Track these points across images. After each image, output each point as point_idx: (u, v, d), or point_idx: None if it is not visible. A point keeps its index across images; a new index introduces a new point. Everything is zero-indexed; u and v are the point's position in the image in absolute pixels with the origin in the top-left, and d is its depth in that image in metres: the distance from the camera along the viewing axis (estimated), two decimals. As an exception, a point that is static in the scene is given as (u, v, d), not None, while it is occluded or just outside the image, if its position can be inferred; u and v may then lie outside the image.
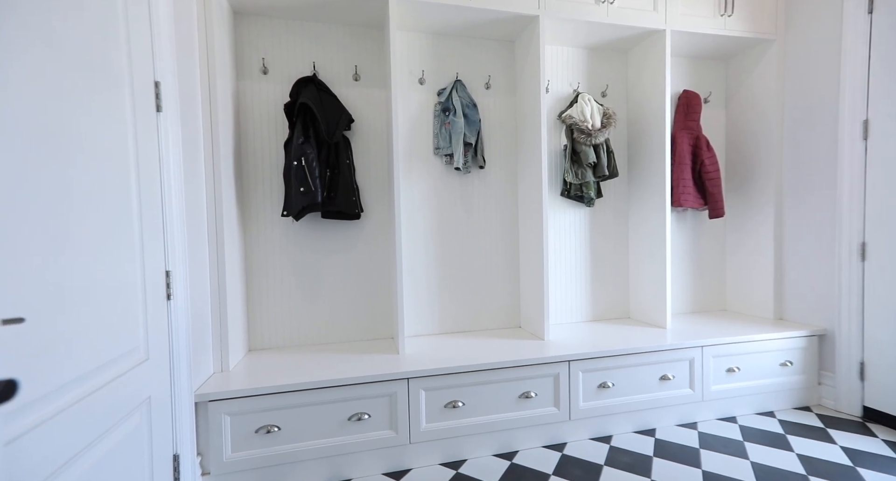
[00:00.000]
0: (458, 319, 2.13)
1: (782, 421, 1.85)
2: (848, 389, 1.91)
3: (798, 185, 2.11)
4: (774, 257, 2.19)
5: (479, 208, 2.14)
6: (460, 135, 1.95)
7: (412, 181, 2.05)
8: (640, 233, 2.22)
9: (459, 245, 2.12)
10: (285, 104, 1.78)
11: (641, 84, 2.17)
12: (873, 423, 1.82)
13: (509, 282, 2.19)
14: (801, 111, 2.08)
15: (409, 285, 2.05)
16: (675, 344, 1.81)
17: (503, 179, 2.17)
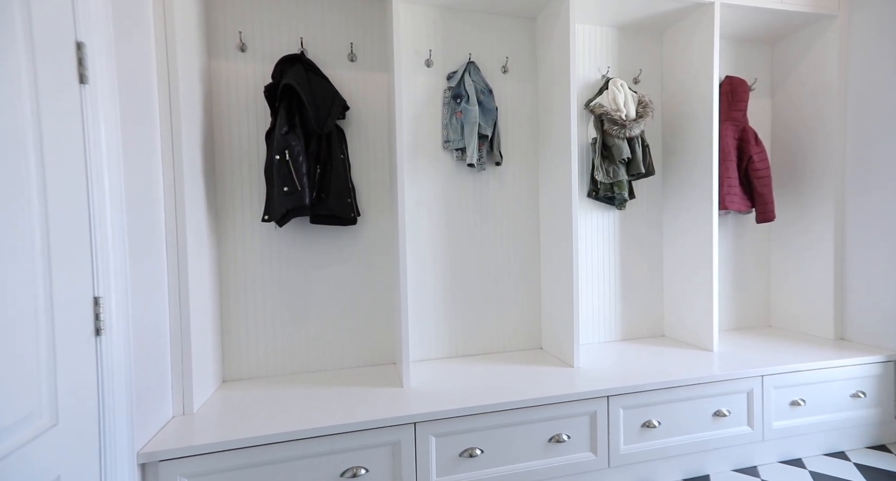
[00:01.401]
0: (471, 340, 1.83)
1: (859, 466, 1.56)
2: (933, 426, 1.62)
3: (866, 184, 1.82)
4: (835, 267, 1.90)
5: (496, 211, 1.85)
6: (474, 126, 1.66)
7: (418, 180, 1.76)
8: (680, 241, 1.92)
9: (472, 254, 1.83)
10: (266, 86, 1.49)
11: (682, 68, 1.88)
12: (967, 468, 1.53)
13: (530, 297, 1.90)
14: (871, 99, 1.79)
15: (415, 302, 1.75)
16: (731, 373, 1.52)
17: (523, 178, 1.88)
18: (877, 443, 1.71)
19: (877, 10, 1.76)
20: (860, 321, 1.85)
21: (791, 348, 1.79)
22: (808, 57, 1.98)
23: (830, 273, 1.91)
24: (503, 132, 1.84)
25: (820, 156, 1.95)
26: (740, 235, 2.14)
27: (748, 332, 2.07)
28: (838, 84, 1.88)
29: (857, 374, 1.67)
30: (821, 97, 1.94)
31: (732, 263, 2.13)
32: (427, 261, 1.77)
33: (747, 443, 1.56)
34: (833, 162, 1.90)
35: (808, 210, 1.99)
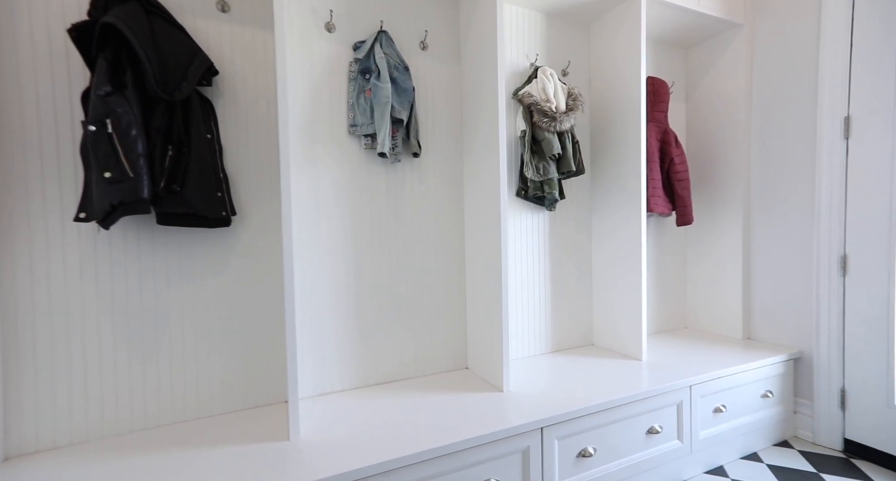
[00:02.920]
0: (385, 366, 1.53)
1: (772, 467, 1.58)
2: (828, 420, 1.71)
3: (769, 190, 1.89)
4: (743, 270, 1.96)
5: (414, 210, 1.57)
6: (386, 108, 1.36)
7: (316, 172, 1.41)
8: (608, 245, 1.83)
9: (385, 261, 1.53)
10: (74, 26, 1.03)
11: (609, 63, 1.79)
12: (856, 458, 1.63)
13: (454, 311, 1.65)
14: (773, 107, 1.87)
15: (310, 324, 1.40)
16: (663, 386, 1.43)
17: (446, 173, 1.63)
18: (780, 440, 1.77)
19: (778, 21, 1.83)
20: (764, 322, 1.93)
21: (710, 352, 1.79)
22: (719, 64, 2.03)
23: (739, 276, 1.97)
24: (423, 118, 1.57)
25: (730, 161, 2.00)
26: (661, 238, 2.14)
27: (669, 336, 2.07)
28: (744, 92, 1.93)
29: (766, 375, 1.71)
30: (729, 103, 1.99)
31: (655, 266, 2.12)
32: (326, 271, 1.43)
33: (677, 458, 1.48)
34: (740, 168, 1.95)
35: (721, 213, 2.04)
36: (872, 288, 1.58)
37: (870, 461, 1.60)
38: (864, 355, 1.61)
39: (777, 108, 1.85)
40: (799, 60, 1.77)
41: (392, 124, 1.42)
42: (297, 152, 1.38)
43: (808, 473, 1.54)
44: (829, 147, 1.67)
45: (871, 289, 1.58)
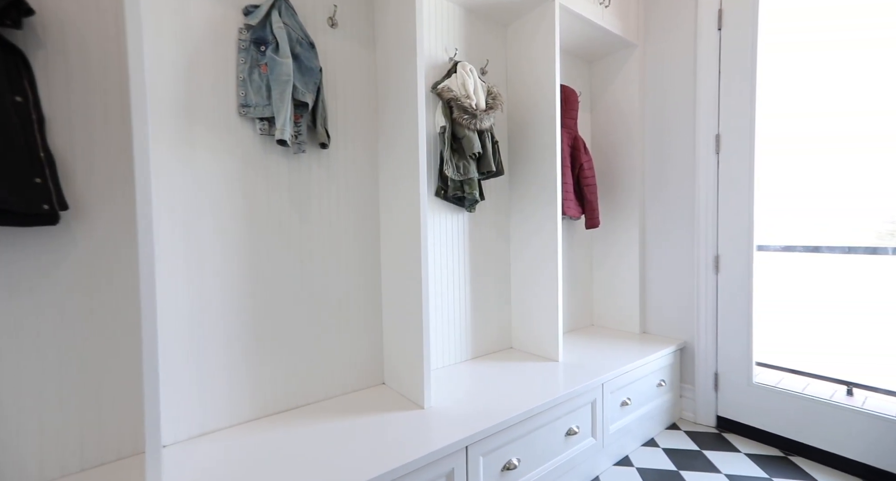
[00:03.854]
0: (289, 389, 1.30)
1: (666, 451, 1.72)
2: (705, 401, 1.93)
3: (659, 197, 2.10)
4: (639, 270, 2.15)
5: (321, 208, 1.37)
6: (286, 87, 1.15)
7: (193, 158, 1.13)
8: (526, 247, 1.84)
9: (287, 267, 1.30)
10: None
11: (526, 66, 1.80)
12: (726, 432, 1.87)
13: (369, 321, 1.49)
14: (661, 123, 2.08)
15: (191, 347, 1.12)
16: (580, 386, 1.45)
17: (358, 167, 1.45)
18: (670, 424, 1.95)
19: (663, 46, 2.04)
20: (657, 317, 2.13)
21: (615, 348, 1.90)
22: (617, 79, 2.20)
23: (636, 275, 2.15)
24: (332, 105, 1.38)
25: (628, 170, 2.18)
26: (571, 240, 2.23)
27: (579, 334, 2.17)
28: (638, 107, 2.12)
29: (660, 366, 1.87)
30: (626, 117, 2.17)
31: (567, 268, 2.20)
32: (211, 280, 1.16)
33: (592, 455, 1.52)
34: (636, 176, 2.14)
35: (620, 217, 2.21)
36: (737, 283, 1.83)
37: (736, 433, 1.85)
38: (732, 342, 1.85)
39: (664, 123, 2.06)
40: (681, 83, 1.99)
41: (294, 108, 1.21)
42: (168, 132, 1.09)
43: (693, 451, 1.71)
44: (704, 161, 1.90)
45: (736, 284, 1.83)
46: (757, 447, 1.74)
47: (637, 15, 2.09)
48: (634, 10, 2.07)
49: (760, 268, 1.80)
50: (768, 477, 1.53)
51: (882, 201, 1.63)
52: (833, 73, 1.67)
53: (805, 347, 2.00)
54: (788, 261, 1.88)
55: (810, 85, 1.73)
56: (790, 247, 1.81)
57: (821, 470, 1.57)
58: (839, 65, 1.65)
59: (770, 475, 1.54)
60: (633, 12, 2.06)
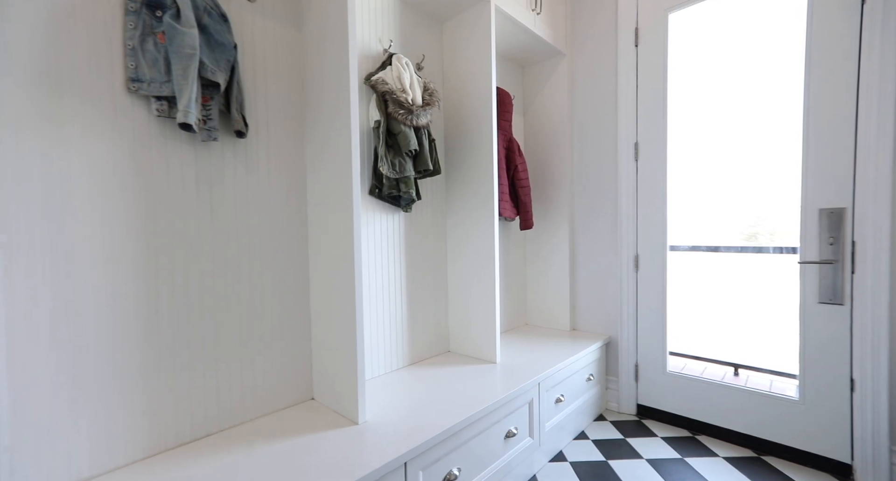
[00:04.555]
0: (196, 416, 1.11)
1: (596, 442, 1.80)
2: (627, 391, 2.07)
3: (587, 200, 2.21)
4: (570, 269, 2.24)
5: (238, 205, 1.20)
6: (191, 62, 0.98)
7: (64, 135, 0.91)
8: (463, 248, 1.81)
9: (196, 272, 1.11)
10: None
11: (462, 65, 1.78)
12: (645, 419, 2.01)
13: (294, 330, 1.34)
14: (587, 129, 2.19)
15: (64, 379, 0.89)
16: (517, 388, 1.45)
17: (282, 160, 1.30)
18: (598, 415, 2.06)
19: (589, 57, 2.16)
20: (585, 314, 2.24)
21: (548, 346, 1.95)
22: (548, 86, 2.28)
23: (567, 274, 2.24)
24: (251, 89, 1.22)
25: (558, 173, 2.26)
26: (506, 240, 2.26)
27: (515, 334, 2.19)
28: (567, 113, 2.22)
29: (589, 361, 1.96)
30: (556, 122, 2.25)
31: (503, 268, 2.22)
32: (90, 293, 0.94)
33: (530, 454, 1.53)
34: (566, 179, 2.23)
35: (552, 218, 2.29)
36: (654, 281, 1.98)
37: (654, 419, 2.00)
38: (650, 334, 2.00)
39: (590, 130, 2.18)
40: (604, 92, 2.12)
41: (203, 88, 1.04)
42: (21, 103, 0.86)
43: (619, 440, 1.81)
44: (625, 167, 2.04)
45: (653, 281, 1.98)
46: (671, 430, 1.90)
47: (565, 25, 2.18)
48: (563, 21, 2.16)
49: (673, 267, 1.97)
50: (681, 457, 1.67)
51: (747, 207, 1.89)
52: (719, 94, 1.89)
53: (703, 335, 2.24)
54: (694, 259, 2.10)
55: (707, 102, 1.94)
56: (696, 247, 2.01)
57: (720, 445, 1.76)
58: (726, 87, 1.87)
59: (682, 455, 1.68)
60: (562, 23, 2.15)
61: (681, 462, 1.64)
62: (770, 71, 1.73)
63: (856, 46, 1.47)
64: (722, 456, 1.68)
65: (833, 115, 1.52)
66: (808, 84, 1.56)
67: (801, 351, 1.61)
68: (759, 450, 1.70)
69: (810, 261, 1.57)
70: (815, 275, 1.57)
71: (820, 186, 1.55)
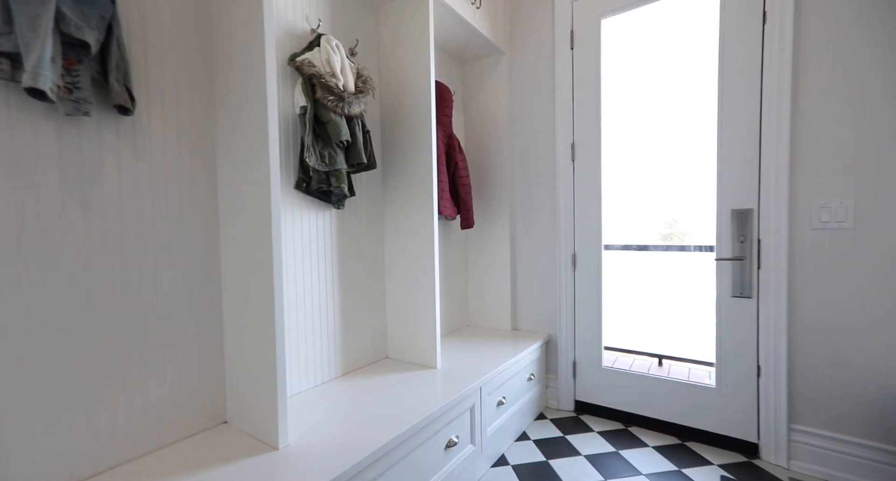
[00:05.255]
0: (82, 449, 0.88)
1: (537, 442, 1.79)
2: (566, 388, 2.10)
3: (526, 199, 2.21)
4: (510, 269, 2.23)
5: (123, 197, 0.99)
6: (42, 10, 0.78)
7: None
8: (402, 248, 1.71)
9: (59, 287, 0.89)
10: None
11: (400, 54, 1.67)
12: (583, 414, 2.06)
13: (201, 345, 1.14)
14: (526, 129, 2.20)
15: None
16: (459, 394, 1.37)
17: (184, 144, 1.11)
18: (538, 414, 2.07)
19: (528, 58, 2.17)
20: (526, 313, 2.24)
21: (490, 348, 1.92)
22: (488, 84, 2.25)
23: (508, 274, 2.23)
24: (140, 56, 1.02)
25: (499, 171, 2.24)
26: (446, 240, 2.19)
27: (456, 336, 2.13)
28: (507, 112, 2.21)
29: (530, 360, 1.96)
30: (497, 120, 2.23)
31: (444, 269, 2.15)
32: None
33: (472, 462, 1.47)
34: (506, 178, 2.22)
35: (493, 218, 2.26)
36: (590, 279, 2.03)
37: (591, 414, 2.05)
38: (587, 332, 2.05)
39: (529, 130, 2.19)
40: (542, 93, 2.14)
41: (65, 47, 0.83)
42: None
43: (559, 438, 1.82)
44: (562, 167, 2.07)
45: (589, 280, 2.04)
46: (606, 424, 1.95)
47: (504, 23, 2.17)
48: (502, 19, 2.15)
49: (607, 265, 2.04)
50: (615, 450, 1.72)
51: (668, 208, 2.03)
52: (647, 100, 1.99)
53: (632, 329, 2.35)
54: (626, 258, 2.19)
55: (636, 107, 2.03)
56: (628, 246, 2.10)
57: (650, 435, 1.84)
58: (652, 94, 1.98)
59: (617, 448, 1.73)
60: (501, 20, 2.14)
61: (615, 455, 1.68)
62: (690, 81, 1.85)
63: (759, 64, 1.61)
64: (651, 445, 1.75)
65: (741, 124, 1.65)
66: (721, 96, 1.68)
67: (717, 341, 1.73)
68: (682, 437, 1.81)
69: (725, 257, 1.70)
70: (729, 271, 1.70)
71: (732, 189, 1.68)
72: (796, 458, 1.56)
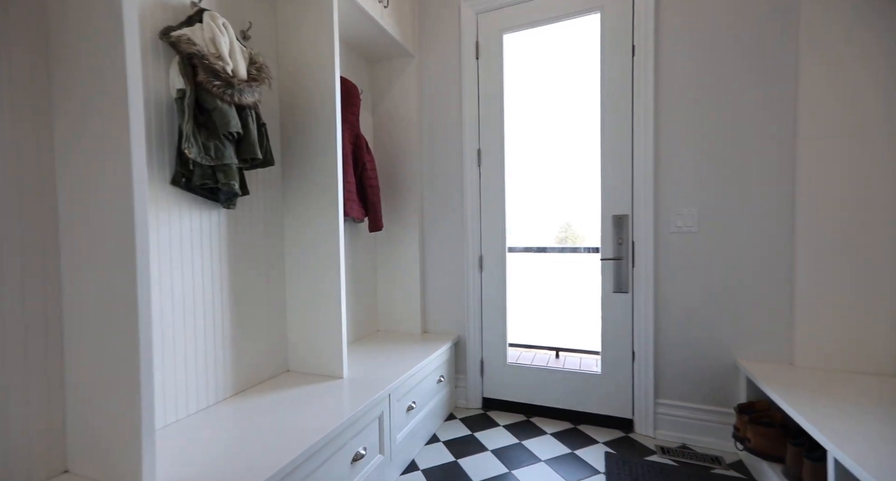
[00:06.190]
0: None
1: (447, 443, 1.81)
2: (474, 387, 2.17)
3: (435, 202, 2.24)
4: (420, 271, 2.23)
5: None
6: None
7: None
8: (304, 252, 1.59)
9: None
10: None
11: (304, 42, 1.56)
12: (490, 410, 2.14)
13: (39, 373, 0.91)
14: (435, 133, 2.22)
15: None
16: (366, 403, 1.32)
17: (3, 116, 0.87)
18: (448, 415, 2.09)
19: (436, 64, 2.21)
20: (436, 315, 2.26)
21: (400, 352, 1.88)
22: (397, 85, 2.23)
23: (418, 276, 2.22)
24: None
25: (408, 174, 2.23)
26: (354, 243, 2.10)
27: (365, 343, 2.05)
28: (416, 115, 2.22)
29: (439, 362, 1.98)
30: (407, 123, 2.22)
31: (351, 273, 2.06)
32: None
33: (381, 472, 1.42)
34: (416, 181, 2.22)
35: (403, 220, 2.24)
36: (496, 279, 2.13)
37: (497, 409, 2.14)
38: (493, 331, 2.15)
39: (438, 134, 2.22)
40: (451, 98, 2.19)
41: None
42: None
43: (467, 437, 1.87)
44: (469, 172, 2.15)
45: (495, 280, 2.13)
46: (510, 417, 2.06)
47: (413, 27, 2.18)
48: (410, 22, 2.15)
49: (511, 266, 2.16)
50: (518, 441, 1.82)
51: (562, 212, 2.26)
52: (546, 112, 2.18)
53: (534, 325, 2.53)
54: (527, 259, 2.35)
55: (536, 118, 2.20)
56: (528, 248, 2.26)
57: (549, 423, 1.99)
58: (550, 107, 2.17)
59: (520, 439, 1.84)
60: (409, 23, 2.14)
61: (519, 446, 1.78)
62: (583, 97, 2.06)
63: (629, 90, 1.86)
64: (549, 432, 1.89)
65: (619, 141, 1.89)
66: (603, 115, 1.91)
67: (602, 332, 1.95)
68: (575, 421, 1.99)
69: (607, 258, 1.92)
70: (611, 270, 1.92)
71: (613, 197, 1.91)
72: (661, 428, 1.82)
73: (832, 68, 1.54)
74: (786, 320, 1.64)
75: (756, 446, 1.42)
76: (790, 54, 1.61)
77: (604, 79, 1.89)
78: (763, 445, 1.40)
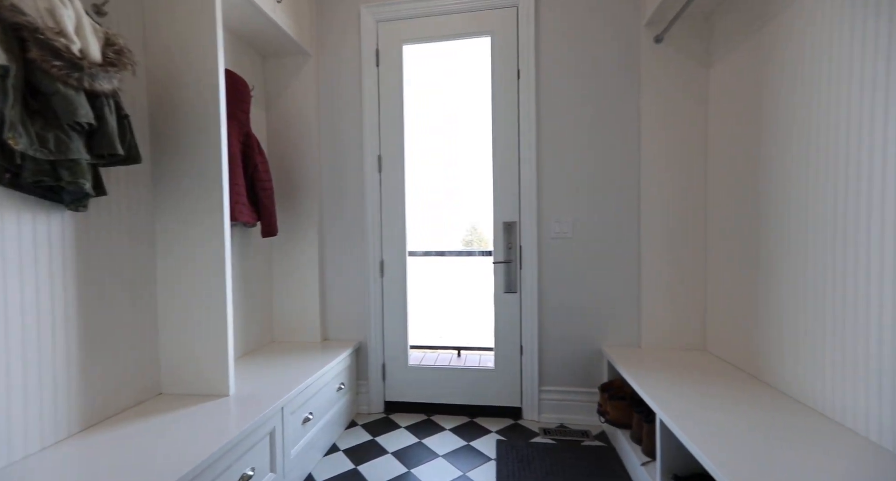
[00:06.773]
0: None
1: (346, 452, 1.77)
2: (376, 391, 2.16)
3: (335, 207, 2.19)
4: (319, 278, 2.15)
5: None
6: None
7: None
8: (183, 260, 1.42)
9: None
10: None
11: (178, 29, 1.40)
12: (392, 413, 2.16)
13: None
14: (336, 137, 2.18)
15: None
16: (254, 420, 1.23)
17: None
18: (349, 423, 2.06)
19: (335, 66, 2.17)
20: (336, 322, 2.20)
21: (296, 363, 1.79)
22: (294, 84, 2.13)
23: (317, 283, 2.14)
24: None
25: (306, 177, 2.14)
26: (245, 249, 1.94)
27: (257, 355, 1.91)
28: (315, 116, 2.14)
29: (339, 370, 1.93)
30: (304, 123, 2.13)
31: (241, 281, 1.89)
32: None
33: (270, 494, 1.34)
34: (315, 185, 2.14)
35: (300, 225, 2.14)
36: (397, 284, 2.16)
37: (399, 411, 2.18)
38: (394, 334, 2.17)
39: (338, 138, 2.18)
40: (351, 103, 2.17)
41: None
42: None
43: (368, 442, 1.86)
44: (370, 177, 2.15)
45: (396, 284, 2.16)
46: (412, 418, 2.11)
47: (310, 26, 2.11)
48: (307, 20, 2.08)
49: (411, 270, 2.21)
50: (419, 440, 1.87)
51: (464, 219, 2.41)
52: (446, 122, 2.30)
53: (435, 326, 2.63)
54: (426, 263, 2.43)
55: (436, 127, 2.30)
56: (428, 252, 2.34)
57: (448, 419, 2.09)
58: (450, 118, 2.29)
59: (420, 438, 1.89)
60: (306, 21, 2.07)
61: (419, 445, 1.83)
62: (481, 109, 2.21)
63: (516, 109, 2.06)
64: (448, 428, 1.99)
65: (507, 154, 2.07)
66: (494, 129, 2.08)
67: (495, 330, 2.11)
68: (472, 415, 2.12)
69: (499, 261, 2.09)
70: (502, 272, 2.10)
71: (503, 204, 2.09)
72: (545, 412, 2.05)
73: (662, 106, 1.91)
74: (636, 309, 1.98)
75: (613, 418, 1.69)
76: (634, 94, 1.96)
77: (495, 97, 2.07)
78: (617, 416, 1.68)
